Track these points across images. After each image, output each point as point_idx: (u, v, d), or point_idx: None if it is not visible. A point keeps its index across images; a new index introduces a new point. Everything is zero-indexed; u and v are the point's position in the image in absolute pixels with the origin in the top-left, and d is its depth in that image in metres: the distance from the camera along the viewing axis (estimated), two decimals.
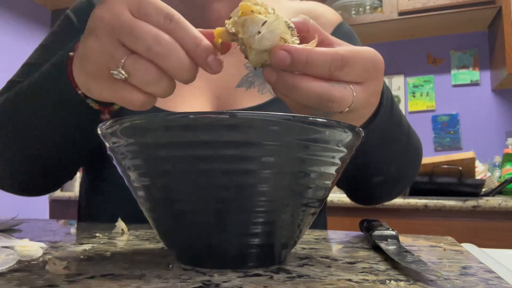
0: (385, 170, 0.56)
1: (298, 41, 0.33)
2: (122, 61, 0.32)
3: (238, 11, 0.32)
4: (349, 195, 0.66)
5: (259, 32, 0.31)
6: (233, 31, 0.32)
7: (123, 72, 0.32)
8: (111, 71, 0.32)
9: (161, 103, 0.59)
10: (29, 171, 0.55)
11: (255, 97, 0.62)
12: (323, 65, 0.32)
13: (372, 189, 0.60)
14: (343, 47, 0.34)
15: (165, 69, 0.32)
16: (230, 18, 0.33)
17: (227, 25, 0.33)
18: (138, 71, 0.32)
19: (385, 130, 0.49)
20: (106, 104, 0.46)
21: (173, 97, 0.61)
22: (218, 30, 0.33)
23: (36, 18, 2.54)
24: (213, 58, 0.32)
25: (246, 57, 0.33)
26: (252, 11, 0.31)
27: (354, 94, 0.34)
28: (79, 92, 0.43)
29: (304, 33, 0.35)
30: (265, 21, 0.31)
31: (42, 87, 0.48)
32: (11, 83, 0.62)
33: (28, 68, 0.63)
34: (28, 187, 0.59)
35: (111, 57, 0.32)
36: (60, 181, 0.60)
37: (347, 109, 0.34)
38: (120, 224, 0.49)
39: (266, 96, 0.62)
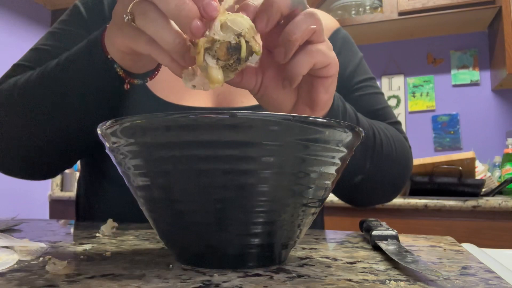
0: (361, 166, 0.55)
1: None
2: (130, 5, 0.36)
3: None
4: (342, 199, 0.66)
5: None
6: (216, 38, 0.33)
7: (129, 13, 0.36)
8: (123, 15, 0.37)
9: (164, 95, 0.60)
10: (45, 151, 0.55)
11: None
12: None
13: (356, 190, 0.60)
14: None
15: (164, 11, 0.34)
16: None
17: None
18: (138, 10, 0.36)
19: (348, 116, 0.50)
20: (129, 74, 0.47)
21: (176, 91, 0.61)
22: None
23: (36, 18, 2.54)
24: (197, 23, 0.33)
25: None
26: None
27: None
28: (109, 56, 0.45)
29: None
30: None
31: (76, 59, 0.49)
32: (17, 67, 0.61)
33: (36, 52, 0.63)
34: (39, 169, 0.59)
35: (124, 5, 0.37)
36: (73, 160, 0.60)
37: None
38: (109, 223, 0.48)
39: None
